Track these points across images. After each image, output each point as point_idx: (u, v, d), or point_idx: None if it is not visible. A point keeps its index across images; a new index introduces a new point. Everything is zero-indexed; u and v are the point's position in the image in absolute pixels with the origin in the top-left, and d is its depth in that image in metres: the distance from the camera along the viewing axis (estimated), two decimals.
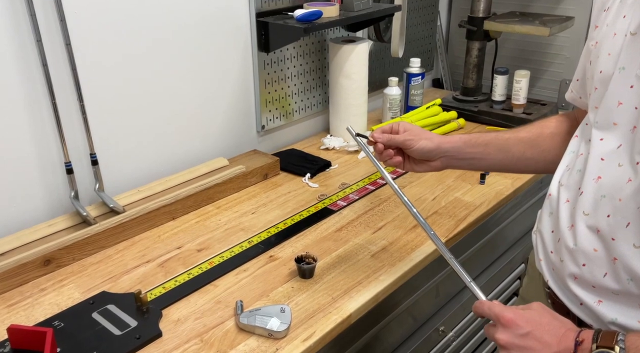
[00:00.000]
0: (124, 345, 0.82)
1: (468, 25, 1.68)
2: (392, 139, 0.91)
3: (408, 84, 1.68)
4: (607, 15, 0.74)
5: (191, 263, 1.02)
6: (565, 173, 0.78)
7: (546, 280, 0.80)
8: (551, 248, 0.78)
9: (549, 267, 0.79)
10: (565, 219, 0.74)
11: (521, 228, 1.49)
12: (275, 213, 1.20)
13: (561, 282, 0.76)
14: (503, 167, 0.94)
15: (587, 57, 0.78)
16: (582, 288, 0.73)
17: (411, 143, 0.91)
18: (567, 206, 0.75)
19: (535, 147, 0.90)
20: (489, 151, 0.92)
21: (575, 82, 0.87)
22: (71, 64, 1.05)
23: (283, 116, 1.53)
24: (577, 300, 0.74)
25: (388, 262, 1.03)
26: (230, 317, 0.89)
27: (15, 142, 1.04)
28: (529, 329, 0.66)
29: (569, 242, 0.73)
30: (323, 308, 0.91)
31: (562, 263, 0.75)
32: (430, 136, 0.92)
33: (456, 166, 0.95)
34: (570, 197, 0.74)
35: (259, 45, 1.38)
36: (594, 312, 0.72)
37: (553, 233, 0.78)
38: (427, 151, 0.91)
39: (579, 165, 0.74)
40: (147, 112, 1.23)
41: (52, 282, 0.98)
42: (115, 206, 1.10)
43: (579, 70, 0.85)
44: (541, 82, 1.92)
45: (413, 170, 0.95)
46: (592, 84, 0.74)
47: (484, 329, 0.73)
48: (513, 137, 0.92)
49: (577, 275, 0.73)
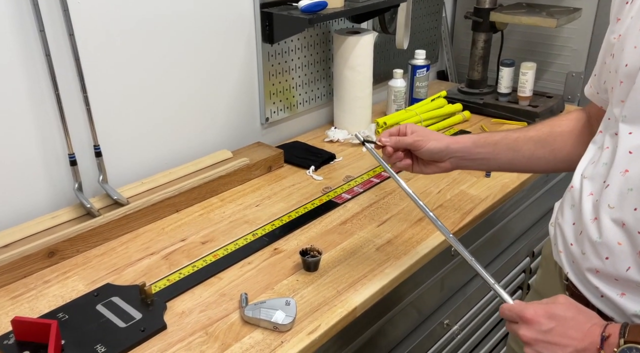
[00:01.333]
0: (129, 337, 0.82)
1: (474, 16, 1.67)
2: (400, 140, 0.90)
3: (413, 76, 1.67)
4: (631, 8, 0.72)
5: (195, 256, 1.02)
6: (589, 166, 0.77)
7: (566, 272, 0.79)
8: (571, 241, 0.77)
9: (569, 260, 0.78)
10: (589, 212, 0.73)
11: (527, 222, 1.48)
12: (280, 206, 1.19)
13: (581, 274, 0.75)
14: (513, 166, 0.93)
15: (608, 51, 0.76)
16: (603, 281, 0.72)
17: (420, 144, 0.90)
18: (590, 199, 0.74)
19: (546, 146, 0.89)
20: (498, 150, 0.91)
21: (593, 77, 0.85)
22: (74, 55, 1.04)
23: (287, 108, 1.52)
24: (598, 292, 0.73)
25: (393, 255, 1.02)
26: (234, 309, 0.89)
27: (18, 133, 1.03)
28: (552, 325, 0.66)
29: (593, 235, 0.72)
30: (328, 302, 0.90)
31: (583, 256, 0.74)
32: (438, 137, 0.91)
33: (466, 166, 0.94)
34: (595, 190, 0.73)
35: (263, 36, 1.37)
36: (616, 305, 0.71)
37: (574, 225, 0.77)
38: (436, 152, 0.90)
39: (605, 159, 0.73)
40: (151, 104, 1.22)
41: (56, 274, 0.98)
42: (119, 198, 1.10)
43: (597, 65, 0.83)
44: (547, 74, 1.90)
45: (422, 171, 0.95)
46: (616, 78, 0.72)
47: (506, 327, 0.73)
48: (522, 135, 0.91)
49: (599, 269, 0.72)
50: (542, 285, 0.95)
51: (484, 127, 1.57)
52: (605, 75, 0.79)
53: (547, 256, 0.93)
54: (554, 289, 0.86)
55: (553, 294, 0.78)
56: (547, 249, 0.94)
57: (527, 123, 1.58)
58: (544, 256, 0.95)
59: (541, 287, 0.95)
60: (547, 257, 0.93)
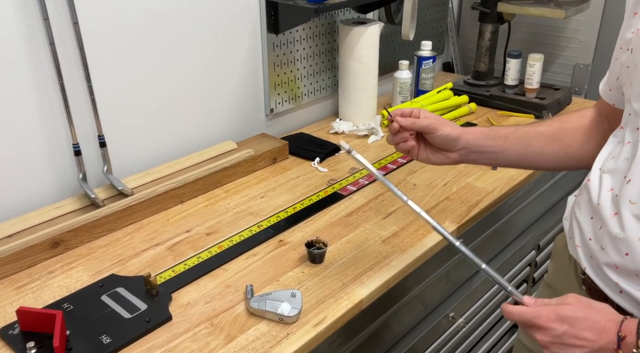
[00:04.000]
0: (134, 328, 0.81)
1: (481, 7, 1.65)
2: (415, 122, 0.87)
3: (419, 68, 1.66)
4: None
5: (200, 247, 1.02)
6: (608, 160, 0.76)
7: (583, 267, 0.78)
8: (590, 235, 0.76)
9: (586, 254, 0.77)
10: (608, 207, 0.72)
11: (532, 215, 1.47)
12: (285, 198, 1.18)
13: (600, 269, 0.74)
14: (522, 162, 0.91)
15: (625, 47, 0.75)
16: (623, 276, 0.71)
17: (435, 127, 0.86)
18: (610, 194, 0.73)
19: (556, 142, 0.88)
20: (508, 144, 0.89)
21: (608, 74, 0.84)
22: (79, 44, 1.03)
23: (292, 99, 1.51)
24: (617, 288, 0.72)
25: (399, 247, 1.02)
26: (240, 301, 0.88)
27: (22, 122, 1.02)
28: (564, 328, 0.65)
29: (613, 230, 0.71)
30: (334, 294, 0.90)
31: (602, 251, 0.73)
32: (452, 125, 0.88)
33: (473, 160, 0.91)
34: (615, 185, 0.72)
35: (269, 26, 1.36)
36: (636, 300, 0.70)
37: (592, 220, 0.76)
38: (450, 138, 0.87)
39: (626, 153, 0.72)
40: (155, 94, 1.21)
41: (61, 265, 0.98)
42: (123, 189, 1.09)
43: (611, 62, 0.82)
44: (554, 66, 1.88)
45: (428, 159, 0.90)
46: (636, 72, 0.71)
47: (520, 327, 0.72)
48: (533, 130, 0.89)
49: (618, 264, 0.71)
50: (556, 279, 0.93)
51: (491, 119, 1.56)
52: (619, 72, 0.77)
53: (559, 249, 0.92)
54: (568, 283, 0.85)
55: (567, 288, 0.77)
56: (559, 242, 0.93)
57: (534, 115, 1.57)
58: (556, 249, 0.94)
59: (554, 281, 0.94)
60: (559, 251, 0.92)
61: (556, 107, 1.59)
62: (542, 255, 1.56)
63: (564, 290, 0.82)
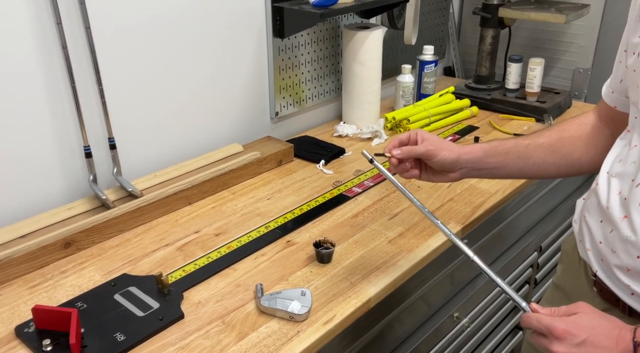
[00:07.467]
0: (147, 326, 0.83)
1: (482, 12, 1.67)
2: (412, 150, 0.86)
3: (421, 72, 1.68)
4: None
5: (210, 247, 1.03)
6: (615, 164, 0.77)
7: (594, 270, 0.78)
8: (600, 239, 0.77)
9: (597, 257, 0.78)
10: (617, 210, 0.73)
11: (535, 217, 1.49)
12: (291, 199, 1.20)
13: (611, 272, 0.75)
14: (522, 174, 0.91)
15: (632, 50, 0.76)
16: (635, 279, 0.72)
17: (432, 153, 0.86)
18: (618, 197, 0.73)
19: (556, 152, 0.88)
20: (508, 160, 0.89)
21: (611, 77, 0.85)
22: (90, 48, 1.05)
23: (296, 103, 1.53)
24: (629, 290, 0.73)
25: (405, 247, 1.03)
26: (250, 300, 0.90)
27: (35, 125, 1.04)
28: (584, 337, 0.64)
29: (625, 233, 0.71)
30: (342, 293, 0.91)
31: (614, 254, 0.74)
32: (450, 146, 0.88)
33: (474, 176, 0.92)
34: (623, 188, 0.73)
35: (274, 30, 1.38)
36: None
37: (602, 223, 0.77)
38: (448, 162, 0.87)
39: (633, 157, 0.73)
40: (164, 98, 1.23)
41: (73, 265, 0.99)
42: (133, 190, 1.11)
43: (615, 65, 0.83)
44: (554, 70, 1.91)
45: (430, 180, 0.92)
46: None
47: (531, 339, 0.71)
48: (532, 142, 0.89)
49: (630, 267, 0.72)
50: (565, 281, 0.94)
51: (492, 122, 1.58)
52: (623, 74, 0.79)
53: (568, 251, 0.92)
54: (578, 285, 0.85)
55: (577, 289, 0.78)
56: (567, 245, 0.93)
57: (535, 118, 1.59)
58: (565, 252, 0.94)
59: (563, 283, 0.94)
60: (568, 253, 0.92)
61: (556, 111, 1.61)
62: (544, 257, 1.58)
63: (574, 292, 0.83)
